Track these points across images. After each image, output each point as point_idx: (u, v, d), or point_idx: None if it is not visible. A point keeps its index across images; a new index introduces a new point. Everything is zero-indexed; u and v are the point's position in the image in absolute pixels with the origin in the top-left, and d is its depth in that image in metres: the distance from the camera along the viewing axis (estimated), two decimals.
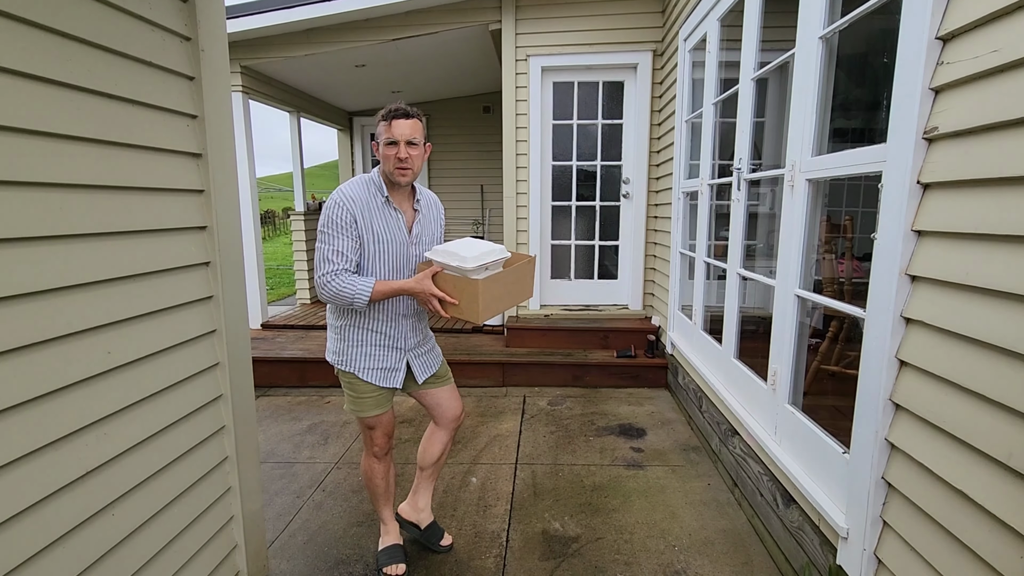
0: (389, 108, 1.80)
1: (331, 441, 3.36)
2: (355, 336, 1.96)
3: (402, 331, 1.99)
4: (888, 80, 1.46)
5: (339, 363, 2.00)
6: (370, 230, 1.84)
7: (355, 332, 1.96)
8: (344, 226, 1.79)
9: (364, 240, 1.83)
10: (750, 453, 2.40)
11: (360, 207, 1.82)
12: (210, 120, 1.72)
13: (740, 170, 2.58)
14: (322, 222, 1.81)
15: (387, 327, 1.96)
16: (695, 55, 3.59)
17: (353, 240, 1.81)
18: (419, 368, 2.06)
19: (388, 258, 1.90)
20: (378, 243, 1.86)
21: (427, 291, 1.77)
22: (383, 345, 1.97)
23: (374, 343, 1.96)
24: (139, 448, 1.49)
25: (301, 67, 5.26)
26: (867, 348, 1.51)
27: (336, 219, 1.79)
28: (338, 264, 1.79)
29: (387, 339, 1.97)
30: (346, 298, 1.79)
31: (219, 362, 1.83)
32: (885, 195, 1.43)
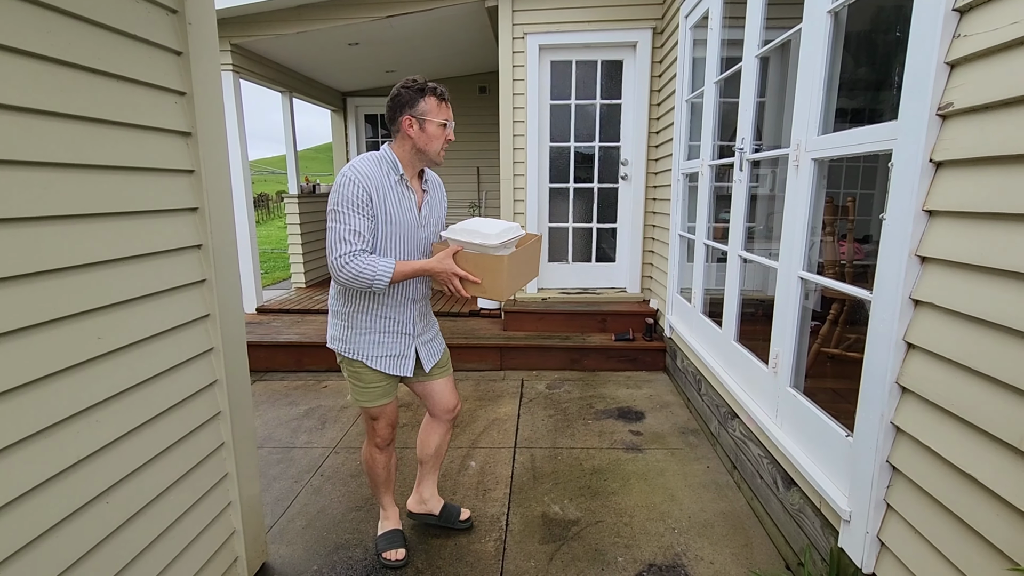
0: (434, 87, 1.74)
1: (329, 426, 3.34)
2: (363, 322, 1.87)
3: (411, 316, 1.93)
4: (898, 56, 1.41)
5: (345, 351, 1.92)
6: (384, 209, 1.74)
7: (363, 318, 1.87)
8: (360, 204, 1.69)
9: (378, 220, 1.74)
10: (750, 436, 2.39)
11: (375, 185, 1.72)
12: (199, 97, 1.66)
13: (743, 150, 2.53)
14: (336, 200, 1.70)
15: (397, 312, 1.89)
16: (696, 32, 3.51)
17: (369, 219, 1.71)
18: (426, 355, 2.00)
19: (400, 239, 1.81)
20: (391, 223, 1.77)
21: (449, 270, 1.73)
22: (392, 331, 1.90)
23: (383, 329, 1.89)
24: (133, 435, 1.46)
25: (293, 45, 5.14)
26: (873, 331, 1.49)
27: (352, 197, 1.68)
28: (355, 245, 1.68)
29: (396, 325, 1.90)
30: (366, 280, 1.69)
31: (213, 347, 1.79)
32: (895, 174, 1.40)
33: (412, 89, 1.73)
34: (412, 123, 1.74)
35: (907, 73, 1.36)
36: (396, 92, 1.76)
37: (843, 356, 2.86)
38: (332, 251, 1.70)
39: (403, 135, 1.77)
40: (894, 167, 1.40)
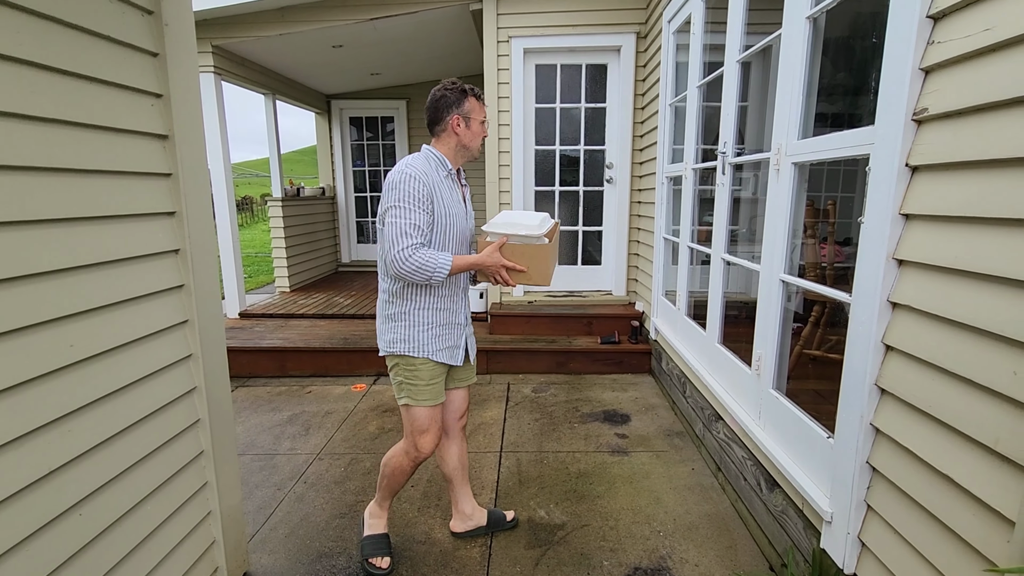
0: (472, 88, 1.86)
1: (312, 432, 3.30)
2: (424, 318, 1.89)
3: (463, 306, 2.00)
4: (875, 61, 1.43)
5: (410, 350, 1.89)
6: (441, 204, 1.82)
7: (423, 314, 1.89)
8: (420, 199, 1.74)
9: (436, 215, 1.80)
10: (734, 438, 2.40)
11: (433, 181, 1.80)
12: (177, 99, 1.64)
13: (725, 154, 2.55)
14: (396, 196, 1.74)
15: (452, 303, 1.94)
16: (679, 37, 3.54)
17: (428, 214, 1.77)
18: (471, 346, 2.06)
19: (454, 231, 1.87)
20: (447, 216, 1.83)
21: (498, 263, 1.81)
22: (450, 323, 1.94)
23: (442, 322, 1.92)
24: (108, 444, 1.42)
25: (276, 47, 5.09)
26: (852, 333, 1.50)
27: (413, 191, 1.73)
28: (416, 239, 1.73)
29: (452, 316, 1.95)
30: (427, 272, 1.73)
31: (192, 353, 1.76)
32: (873, 178, 1.42)
33: (456, 90, 1.84)
34: (460, 121, 1.84)
35: (883, 79, 1.38)
36: (441, 94, 1.84)
37: (825, 358, 2.90)
38: (395, 245, 1.72)
39: (450, 133, 1.86)
40: (871, 171, 1.42)
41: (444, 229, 1.83)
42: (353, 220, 7.90)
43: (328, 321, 5.07)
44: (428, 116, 1.88)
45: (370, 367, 4.27)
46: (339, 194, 7.69)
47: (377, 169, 7.81)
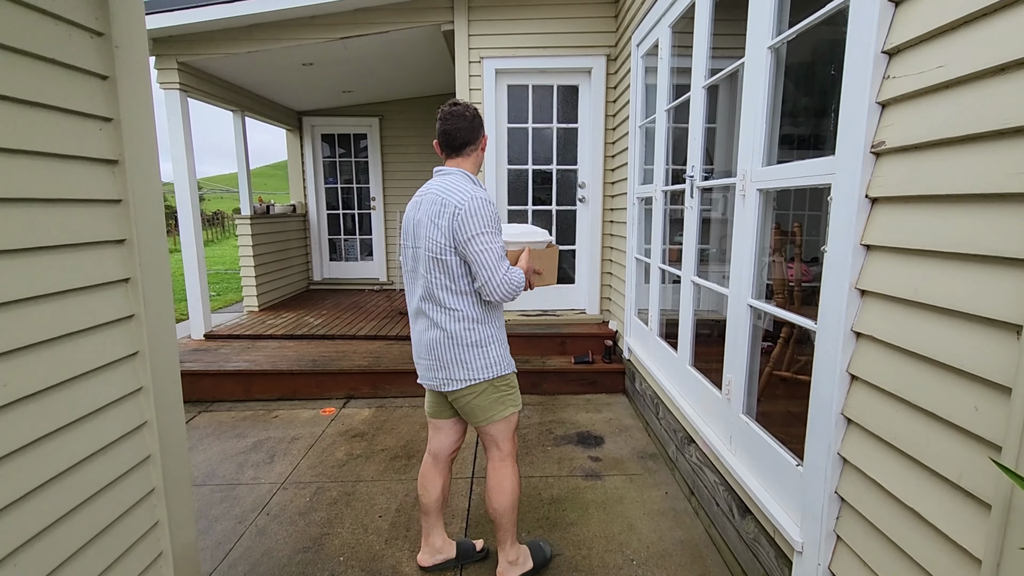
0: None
1: (277, 459, 3.19)
2: (503, 334, 1.99)
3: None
4: (836, 90, 1.45)
5: (506, 368, 1.96)
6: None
7: (503, 330, 1.99)
8: (496, 222, 1.81)
9: None
10: (706, 462, 2.39)
11: None
12: (128, 123, 1.57)
13: (693, 178, 2.58)
14: (481, 223, 1.75)
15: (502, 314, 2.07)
16: (648, 60, 3.59)
17: None
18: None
19: None
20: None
21: (530, 268, 1.92)
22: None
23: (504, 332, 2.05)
24: (46, 489, 1.33)
25: (245, 64, 5.02)
26: (819, 361, 1.51)
27: (492, 215, 1.79)
28: (507, 261, 1.82)
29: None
30: (519, 290, 1.83)
31: (142, 387, 1.67)
32: (835, 208, 1.43)
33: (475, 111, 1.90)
34: (486, 140, 1.94)
35: (842, 110, 1.40)
36: (473, 112, 1.88)
37: (794, 379, 2.92)
38: (497, 269, 1.75)
39: (479, 151, 1.92)
40: (833, 201, 1.43)
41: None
42: (325, 238, 7.78)
43: (297, 342, 4.94)
44: (463, 136, 1.86)
45: (339, 389, 4.17)
46: (311, 211, 7.57)
47: (350, 186, 7.73)
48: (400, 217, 7.58)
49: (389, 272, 7.73)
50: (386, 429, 3.59)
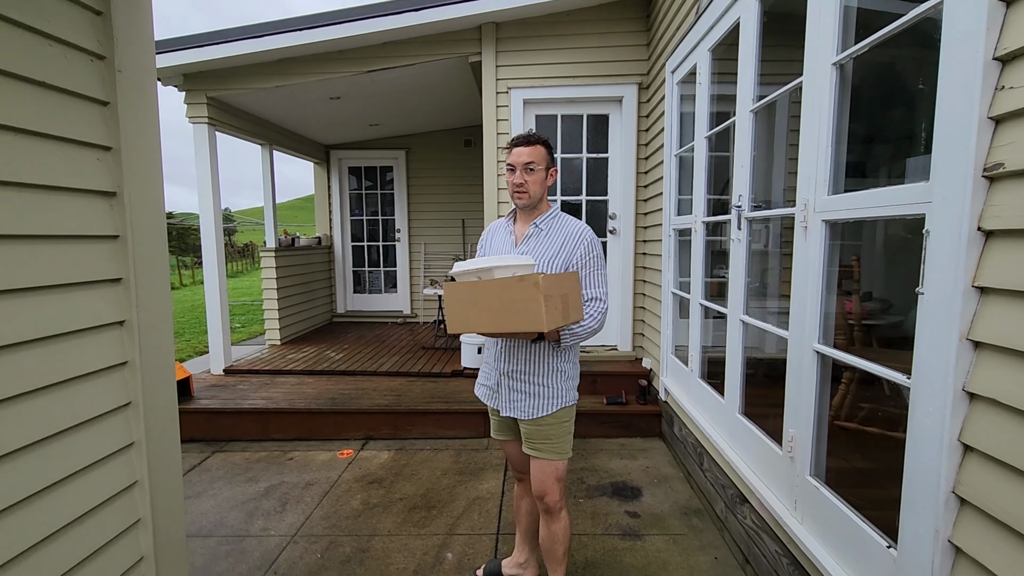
0: (513, 137, 1.89)
1: (289, 508, 2.99)
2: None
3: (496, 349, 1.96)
4: (922, 108, 1.24)
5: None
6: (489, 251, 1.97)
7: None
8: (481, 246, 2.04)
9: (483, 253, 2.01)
10: (764, 527, 2.11)
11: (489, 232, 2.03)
12: (129, 152, 1.45)
13: (740, 208, 2.37)
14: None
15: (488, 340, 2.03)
16: (683, 88, 3.43)
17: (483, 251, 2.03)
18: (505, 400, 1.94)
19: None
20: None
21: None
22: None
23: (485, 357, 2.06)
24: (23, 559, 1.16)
25: (272, 99, 5.04)
26: (917, 425, 1.26)
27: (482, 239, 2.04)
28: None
29: None
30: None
31: (134, 441, 1.51)
32: (933, 244, 1.20)
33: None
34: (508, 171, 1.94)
35: (938, 128, 1.19)
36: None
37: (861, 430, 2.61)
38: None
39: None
40: (930, 235, 1.21)
41: None
42: (350, 270, 7.73)
43: (317, 378, 4.79)
44: None
45: (358, 430, 3.98)
46: (336, 243, 7.55)
47: (375, 218, 7.70)
48: (425, 249, 7.49)
49: (412, 305, 7.60)
50: (405, 475, 3.36)
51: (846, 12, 1.66)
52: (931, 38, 1.30)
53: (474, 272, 1.64)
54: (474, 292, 1.60)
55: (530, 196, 1.83)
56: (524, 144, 1.82)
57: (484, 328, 1.61)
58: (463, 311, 1.63)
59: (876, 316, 3.48)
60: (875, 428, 2.52)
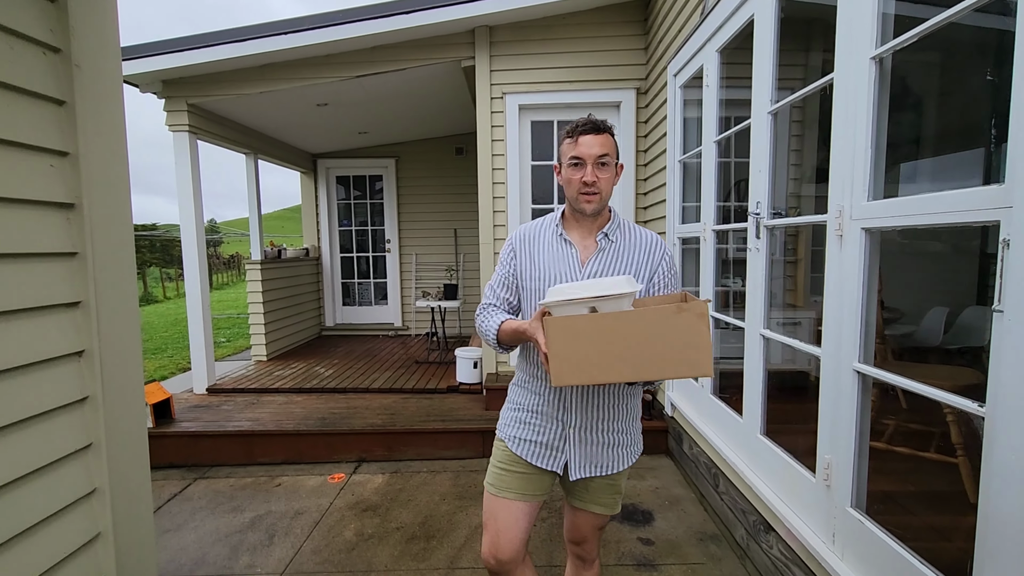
0: (575, 122, 1.47)
1: (278, 540, 2.77)
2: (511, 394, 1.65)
3: (557, 396, 1.50)
4: (984, 100, 1.10)
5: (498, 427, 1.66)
6: (531, 264, 1.53)
7: (513, 389, 1.65)
8: (502, 259, 1.60)
9: (523, 276, 1.54)
10: (795, 560, 1.95)
11: (525, 240, 1.57)
12: (90, 159, 1.27)
13: (759, 215, 2.23)
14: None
15: (540, 384, 1.54)
16: (687, 92, 3.31)
17: (510, 276, 1.57)
18: (578, 459, 1.50)
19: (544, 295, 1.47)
20: (539, 279, 1.51)
21: (531, 334, 1.32)
22: (536, 410, 1.54)
23: (525, 404, 1.57)
24: None
25: (257, 106, 4.85)
26: (998, 463, 1.10)
27: (502, 254, 1.62)
28: (488, 298, 1.61)
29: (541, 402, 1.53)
30: (483, 333, 1.55)
31: (96, 488, 1.31)
32: (1013, 255, 1.06)
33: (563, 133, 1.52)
34: (557, 169, 1.55)
35: (1014, 124, 1.05)
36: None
37: (889, 450, 2.47)
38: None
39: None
40: (1011, 245, 1.06)
41: (531, 292, 1.53)
42: (339, 282, 7.52)
43: (306, 396, 4.57)
44: None
45: (350, 452, 3.77)
46: (324, 254, 7.34)
47: (364, 229, 7.51)
48: (416, 259, 7.30)
49: (404, 317, 7.40)
50: (402, 500, 3.17)
51: (884, 3, 1.53)
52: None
53: (585, 302, 1.20)
54: (600, 330, 1.17)
55: (601, 199, 1.45)
56: (594, 132, 1.43)
57: (616, 376, 1.19)
58: (581, 355, 1.18)
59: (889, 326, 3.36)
60: (905, 448, 2.38)
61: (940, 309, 3.44)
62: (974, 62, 2.93)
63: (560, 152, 1.50)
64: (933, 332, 3.39)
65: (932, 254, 3.93)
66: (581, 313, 1.21)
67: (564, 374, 1.19)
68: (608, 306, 1.19)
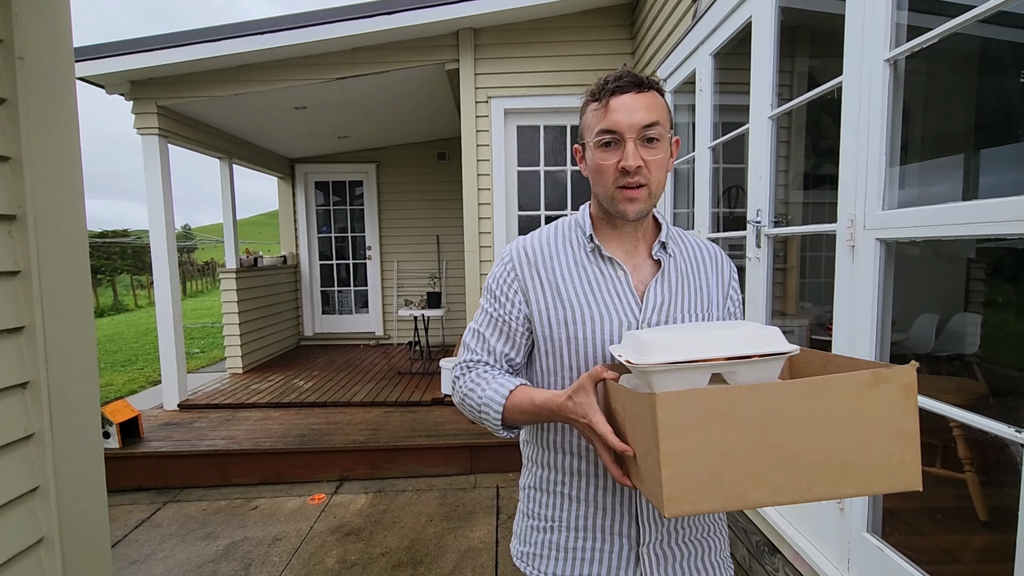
0: (603, 78, 0.96)
1: (254, 571, 2.61)
2: (523, 498, 1.09)
3: (623, 500, 0.96)
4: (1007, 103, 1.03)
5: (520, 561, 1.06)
6: (553, 298, 0.98)
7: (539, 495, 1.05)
8: (495, 291, 1.03)
9: (540, 317, 0.98)
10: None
11: (536, 259, 1.01)
12: (35, 164, 1.12)
13: (760, 223, 2.15)
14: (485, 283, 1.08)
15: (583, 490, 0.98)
16: (677, 97, 3.24)
17: (513, 319, 1.00)
18: None
19: (589, 348, 0.95)
20: (569, 322, 0.96)
21: (579, 415, 0.81)
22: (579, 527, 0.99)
23: (567, 521, 1.00)
24: None
25: (232, 108, 4.67)
26: None
27: (492, 282, 1.04)
28: (473, 352, 1.03)
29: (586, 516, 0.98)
30: (472, 407, 0.98)
31: (43, 537, 1.16)
32: None
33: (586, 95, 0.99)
34: (579, 153, 1.03)
35: None
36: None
37: None
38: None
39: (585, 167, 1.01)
40: None
41: (558, 342, 0.97)
42: (318, 290, 7.31)
43: (284, 411, 4.39)
44: None
45: (331, 471, 3.60)
46: (303, 262, 7.13)
47: (345, 235, 7.33)
48: (398, 267, 7.14)
49: (386, 326, 7.23)
50: (386, 523, 3.02)
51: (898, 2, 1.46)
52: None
53: (711, 367, 0.74)
54: (757, 414, 0.68)
55: (650, 194, 0.93)
56: (635, 88, 0.92)
57: (772, 494, 0.68)
58: (719, 460, 0.67)
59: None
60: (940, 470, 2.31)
61: (931, 316, 3.42)
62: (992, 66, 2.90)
63: (582, 125, 0.99)
64: (924, 339, 3.37)
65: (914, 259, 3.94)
66: (700, 385, 0.74)
67: (688, 494, 0.67)
68: (748, 374, 0.75)
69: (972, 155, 3.28)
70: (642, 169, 0.91)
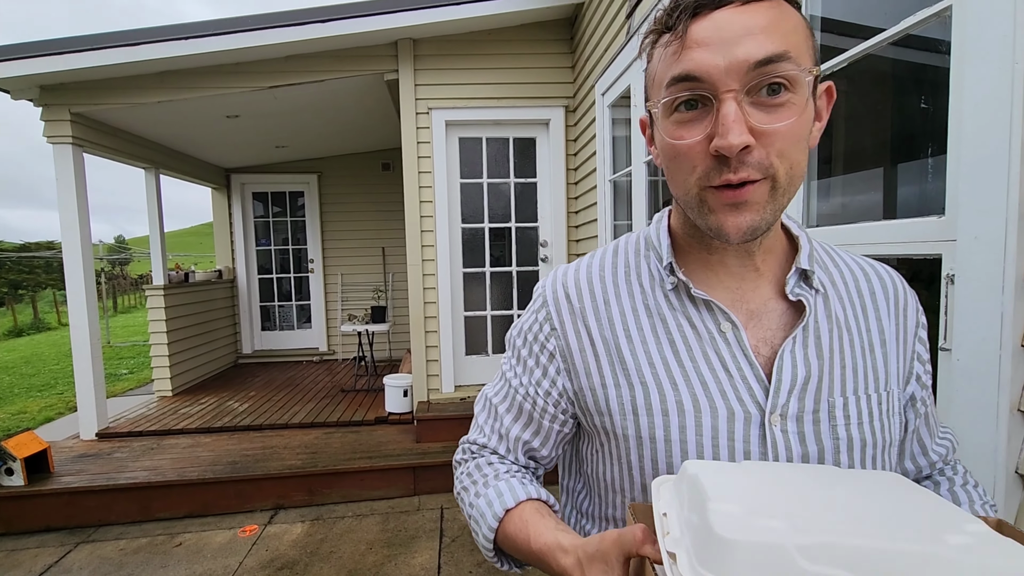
0: (658, 20, 0.58)
1: None
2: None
3: None
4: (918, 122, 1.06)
5: None
6: (617, 368, 0.64)
7: None
8: (527, 356, 0.72)
9: (589, 398, 0.66)
10: None
11: (588, 307, 0.68)
12: None
13: None
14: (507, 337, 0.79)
15: None
16: (615, 111, 3.28)
17: (542, 396, 0.70)
18: None
19: (676, 453, 0.60)
20: (641, 411, 0.62)
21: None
22: None
23: None
24: None
25: (157, 116, 4.41)
26: None
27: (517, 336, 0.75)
28: (485, 433, 0.75)
29: None
30: (466, 511, 0.72)
31: None
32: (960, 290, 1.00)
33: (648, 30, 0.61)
34: (645, 126, 0.67)
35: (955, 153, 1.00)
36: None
37: None
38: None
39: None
40: (956, 282, 1.01)
41: (617, 434, 0.64)
42: (257, 305, 7.00)
43: (215, 437, 4.14)
44: None
45: (265, 499, 3.41)
46: (240, 276, 6.81)
47: (286, 248, 7.06)
48: (342, 280, 6.94)
49: (330, 341, 6.99)
50: (323, 553, 2.87)
51: None
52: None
53: None
54: None
55: (775, 194, 0.55)
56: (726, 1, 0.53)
57: None
58: None
59: None
60: None
61: None
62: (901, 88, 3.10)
63: (647, 79, 0.62)
64: None
65: None
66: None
67: None
68: None
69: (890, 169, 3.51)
70: (753, 151, 0.52)
